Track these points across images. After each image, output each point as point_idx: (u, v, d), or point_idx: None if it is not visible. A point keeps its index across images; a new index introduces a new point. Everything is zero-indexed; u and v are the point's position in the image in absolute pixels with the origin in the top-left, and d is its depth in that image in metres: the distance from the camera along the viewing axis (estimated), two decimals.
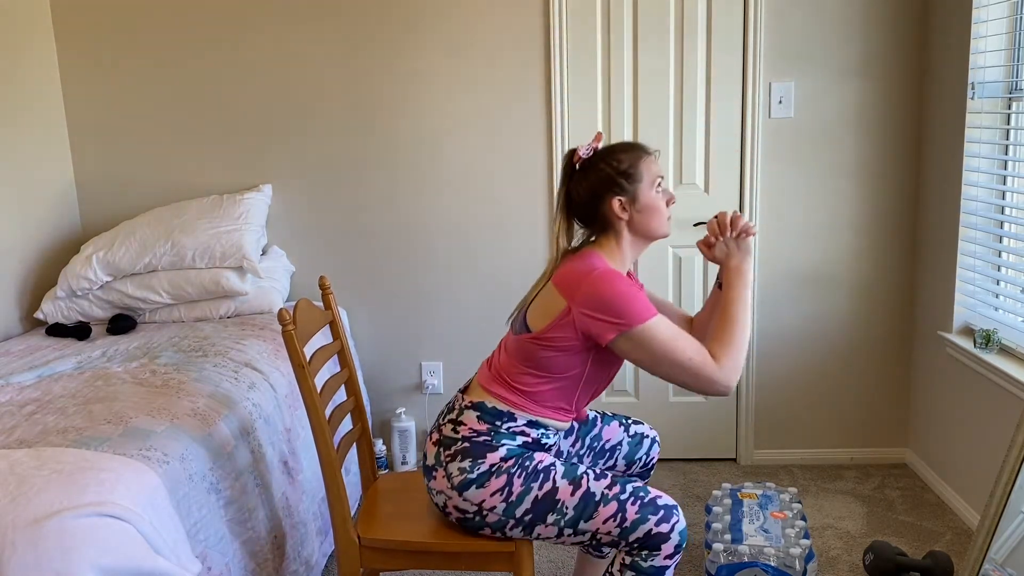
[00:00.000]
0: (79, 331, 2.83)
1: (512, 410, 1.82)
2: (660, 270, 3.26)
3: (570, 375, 1.82)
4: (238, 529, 1.97)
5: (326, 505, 2.46)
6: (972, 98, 2.74)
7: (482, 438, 1.81)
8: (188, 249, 2.94)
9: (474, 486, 1.78)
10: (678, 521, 1.77)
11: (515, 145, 3.19)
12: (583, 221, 1.89)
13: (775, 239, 3.20)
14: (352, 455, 2.88)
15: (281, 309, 1.88)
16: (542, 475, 1.79)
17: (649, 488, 1.81)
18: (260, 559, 2.04)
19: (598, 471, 1.84)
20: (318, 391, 1.94)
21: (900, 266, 3.20)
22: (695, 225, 3.20)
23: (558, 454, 2.05)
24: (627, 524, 1.76)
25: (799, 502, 2.57)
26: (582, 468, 1.82)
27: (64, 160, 3.27)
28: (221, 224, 3.00)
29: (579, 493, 1.78)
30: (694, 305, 3.26)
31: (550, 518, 1.78)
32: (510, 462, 1.79)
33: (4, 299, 2.96)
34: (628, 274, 1.91)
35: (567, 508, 1.78)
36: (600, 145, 1.88)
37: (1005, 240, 2.70)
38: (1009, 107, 2.66)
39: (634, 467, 2.14)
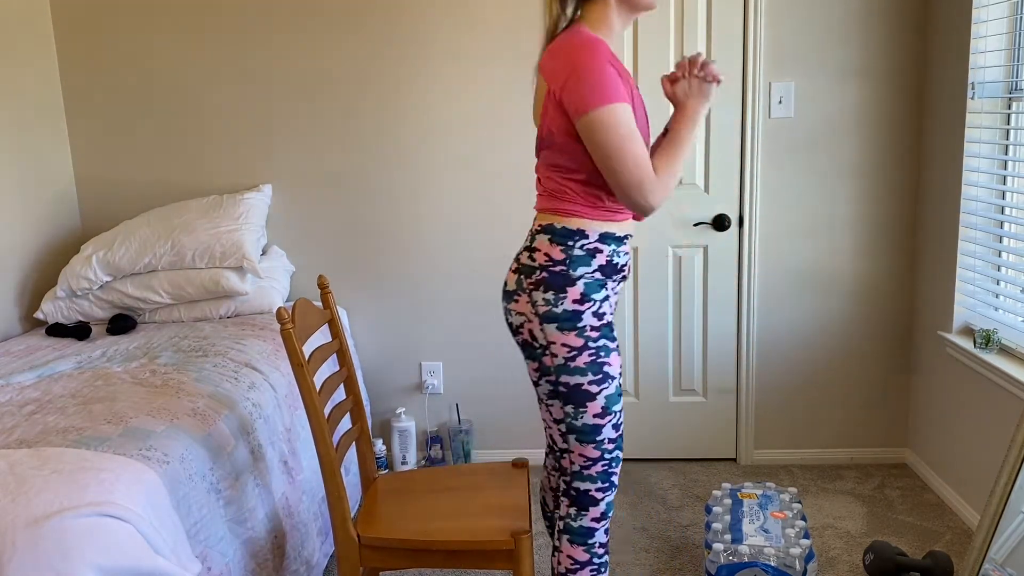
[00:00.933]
0: (79, 331, 2.83)
1: (580, 225, 1.83)
2: (660, 270, 3.26)
3: (589, 170, 1.81)
4: (238, 529, 1.97)
5: (327, 505, 2.46)
6: (972, 98, 2.74)
7: (558, 267, 1.82)
8: (188, 249, 2.94)
9: (555, 325, 1.81)
10: (609, 496, 1.92)
11: (516, 146, 3.19)
12: None
13: (775, 239, 3.20)
14: (352, 455, 2.88)
15: (280, 308, 1.88)
16: (600, 376, 1.83)
17: (621, 461, 1.92)
18: (260, 559, 2.04)
19: (621, 420, 1.90)
20: (317, 390, 1.94)
21: (900, 266, 3.20)
22: (695, 225, 3.22)
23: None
24: (585, 472, 1.88)
25: (799, 502, 2.57)
26: (619, 406, 1.88)
27: (64, 160, 3.27)
28: (221, 224, 3.00)
29: (596, 420, 1.85)
30: (694, 305, 3.27)
31: (567, 408, 1.85)
32: (595, 333, 1.82)
33: (4, 299, 2.96)
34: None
35: (580, 417, 1.85)
36: None
37: (1005, 240, 2.70)
38: (1009, 107, 2.66)
39: None
